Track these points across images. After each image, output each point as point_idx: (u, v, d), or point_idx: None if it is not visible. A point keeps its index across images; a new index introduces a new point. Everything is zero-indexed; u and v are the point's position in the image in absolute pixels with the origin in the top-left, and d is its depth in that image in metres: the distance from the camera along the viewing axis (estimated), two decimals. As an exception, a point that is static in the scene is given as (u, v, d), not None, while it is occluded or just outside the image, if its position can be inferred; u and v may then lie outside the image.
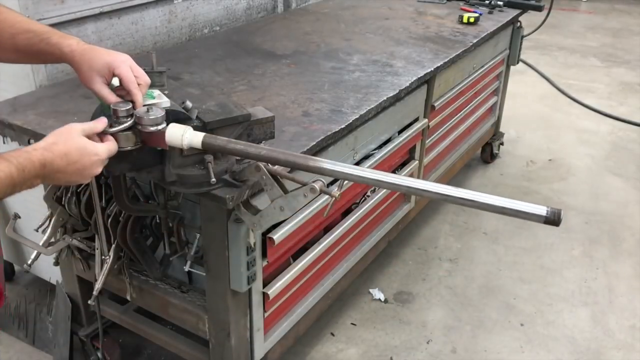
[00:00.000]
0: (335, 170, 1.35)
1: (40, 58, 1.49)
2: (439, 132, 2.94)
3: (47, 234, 1.97)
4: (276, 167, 1.50)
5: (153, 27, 2.58)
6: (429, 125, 2.72)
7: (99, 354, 2.26)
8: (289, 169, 1.54)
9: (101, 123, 1.35)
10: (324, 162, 1.35)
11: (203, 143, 1.40)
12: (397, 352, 2.51)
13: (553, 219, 1.14)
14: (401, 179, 1.32)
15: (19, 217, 2.07)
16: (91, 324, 2.29)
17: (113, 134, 1.37)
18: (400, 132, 2.53)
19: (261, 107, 1.70)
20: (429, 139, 2.82)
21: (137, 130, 1.40)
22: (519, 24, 3.54)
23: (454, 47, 2.74)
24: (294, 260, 2.09)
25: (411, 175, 2.71)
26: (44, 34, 1.45)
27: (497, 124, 3.88)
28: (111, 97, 1.43)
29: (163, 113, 1.40)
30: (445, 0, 3.53)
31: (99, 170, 1.31)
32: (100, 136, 1.36)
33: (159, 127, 1.39)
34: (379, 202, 2.49)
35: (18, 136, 2.15)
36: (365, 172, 1.34)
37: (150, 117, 1.38)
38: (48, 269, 2.39)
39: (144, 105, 1.42)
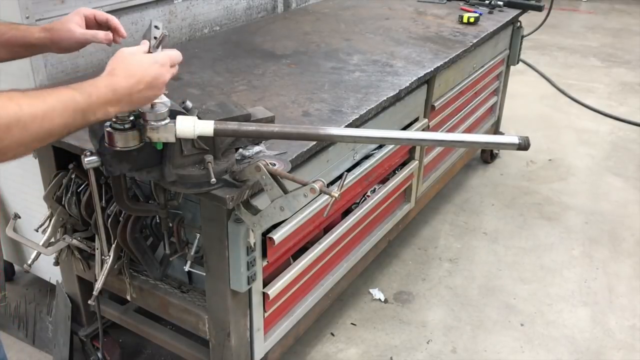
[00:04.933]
0: (344, 135, 1.53)
1: (8, 48, 1.51)
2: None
3: (47, 234, 1.97)
4: (276, 167, 1.51)
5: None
6: (429, 125, 2.72)
7: (99, 354, 2.26)
8: (289, 169, 1.54)
9: (145, 45, 1.39)
10: (332, 130, 1.49)
11: (215, 130, 1.40)
12: (397, 352, 2.51)
13: (524, 145, 1.40)
14: (402, 134, 1.66)
15: (19, 217, 2.07)
16: (91, 324, 2.29)
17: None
18: (400, 132, 2.53)
19: (261, 107, 1.71)
20: (429, 139, 2.81)
21: (142, 126, 1.39)
22: (519, 24, 3.54)
23: (454, 47, 2.74)
24: (294, 260, 2.09)
25: (411, 177, 2.71)
26: (13, 24, 1.51)
27: (497, 124, 3.88)
28: (100, 35, 1.52)
29: (167, 108, 1.40)
30: (445, 0, 3.53)
31: (167, 77, 1.34)
32: None
33: (165, 122, 1.39)
34: (379, 202, 2.49)
35: (18, 136, 2.15)
36: (371, 132, 1.59)
37: (155, 113, 1.38)
38: (48, 269, 2.39)
39: None
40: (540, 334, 2.62)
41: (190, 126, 1.39)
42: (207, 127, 1.40)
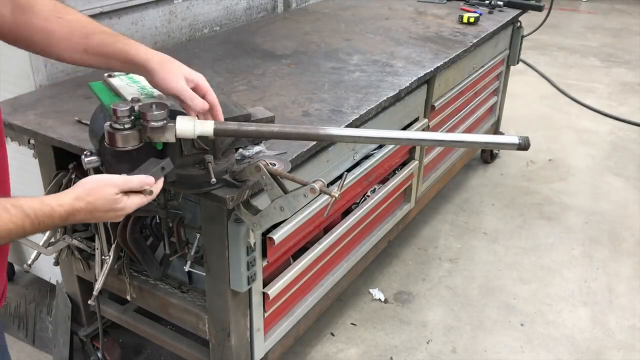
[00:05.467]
0: (344, 135, 1.52)
1: (107, 59, 1.42)
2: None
3: (47, 234, 1.97)
4: (276, 167, 1.51)
5: (153, 27, 2.58)
6: (429, 125, 2.72)
7: (99, 354, 2.26)
8: (289, 169, 1.54)
9: (136, 181, 1.29)
10: (332, 130, 1.47)
11: (215, 130, 1.40)
12: (397, 352, 2.51)
13: (524, 145, 1.39)
14: (402, 134, 1.64)
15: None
16: (91, 324, 2.29)
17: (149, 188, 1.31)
18: (400, 132, 2.53)
19: (261, 107, 1.71)
20: (429, 139, 2.81)
21: (142, 126, 1.39)
22: (519, 24, 3.54)
23: (454, 47, 2.74)
24: (294, 260, 2.09)
25: (411, 177, 2.71)
26: (118, 35, 1.43)
27: (497, 124, 3.88)
28: (197, 101, 1.40)
29: (167, 108, 1.40)
30: (445, 0, 3.53)
31: (121, 219, 1.31)
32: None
33: (164, 122, 1.39)
34: (379, 202, 2.49)
35: (18, 136, 2.15)
36: (371, 132, 1.59)
37: (155, 113, 1.38)
38: (48, 269, 2.39)
39: (147, 103, 1.42)
40: (540, 334, 2.62)
41: (190, 126, 1.39)
42: (207, 127, 1.40)
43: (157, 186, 1.34)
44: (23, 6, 1.34)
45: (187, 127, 1.39)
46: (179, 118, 1.40)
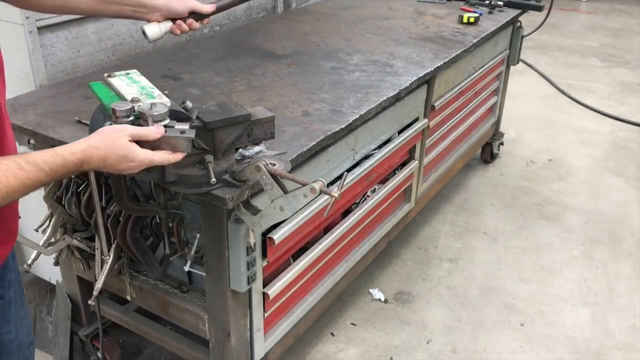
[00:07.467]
0: None
1: (119, 5, 1.71)
2: (439, 132, 2.94)
3: (47, 234, 1.97)
4: (276, 167, 1.51)
5: (153, 27, 2.58)
6: (429, 125, 2.72)
7: (99, 354, 2.26)
8: (289, 169, 1.54)
9: (155, 131, 1.33)
10: None
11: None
12: (397, 352, 2.51)
13: None
14: None
15: (19, 217, 2.06)
16: (91, 324, 2.30)
17: (163, 141, 1.34)
18: (400, 132, 2.53)
19: (261, 107, 1.70)
20: (429, 139, 2.82)
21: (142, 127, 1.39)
22: (519, 24, 3.54)
23: (454, 47, 2.74)
24: (294, 260, 2.09)
25: (411, 177, 2.71)
26: None
27: (497, 124, 3.88)
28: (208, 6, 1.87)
29: (167, 109, 1.40)
30: (445, 0, 3.53)
31: (134, 172, 1.34)
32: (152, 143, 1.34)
33: (164, 123, 1.39)
34: (379, 202, 2.49)
35: (18, 136, 2.15)
36: None
37: (155, 113, 1.38)
38: (48, 269, 2.39)
39: (147, 103, 1.42)
40: (540, 334, 2.62)
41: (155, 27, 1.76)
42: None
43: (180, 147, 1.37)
44: None
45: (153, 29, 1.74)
46: (147, 25, 1.76)
